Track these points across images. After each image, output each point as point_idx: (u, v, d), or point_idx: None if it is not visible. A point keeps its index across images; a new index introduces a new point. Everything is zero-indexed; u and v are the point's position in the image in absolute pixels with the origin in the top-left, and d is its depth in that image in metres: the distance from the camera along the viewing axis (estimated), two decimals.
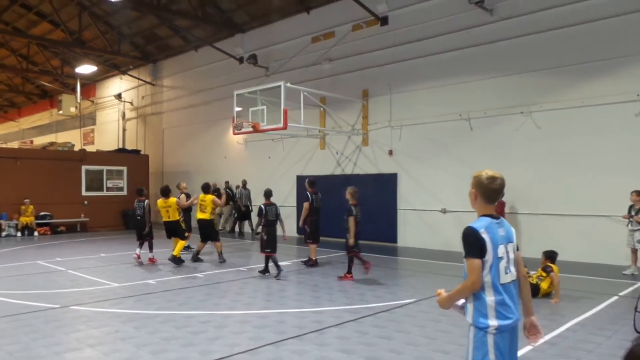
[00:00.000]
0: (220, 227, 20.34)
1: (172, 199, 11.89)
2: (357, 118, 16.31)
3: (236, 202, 19.73)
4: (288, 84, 13.76)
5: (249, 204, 18.49)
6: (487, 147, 13.26)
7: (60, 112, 27.33)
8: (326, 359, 5.18)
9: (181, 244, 11.68)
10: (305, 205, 11.45)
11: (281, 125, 13.59)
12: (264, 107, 14.28)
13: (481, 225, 2.98)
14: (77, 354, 5.44)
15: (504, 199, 12.02)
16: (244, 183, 18.43)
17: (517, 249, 3.17)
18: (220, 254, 11.94)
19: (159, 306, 7.54)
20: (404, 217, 15.21)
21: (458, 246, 9.65)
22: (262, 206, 10.24)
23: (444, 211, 13.92)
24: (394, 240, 15.28)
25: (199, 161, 22.22)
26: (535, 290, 7.90)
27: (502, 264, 2.96)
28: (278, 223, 10.37)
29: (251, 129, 14.33)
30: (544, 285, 7.98)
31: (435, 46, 14.32)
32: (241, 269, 10.74)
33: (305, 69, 17.47)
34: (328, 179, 16.43)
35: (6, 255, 13.58)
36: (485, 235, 2.93)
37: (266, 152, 19.18)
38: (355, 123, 16.30)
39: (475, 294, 2.96)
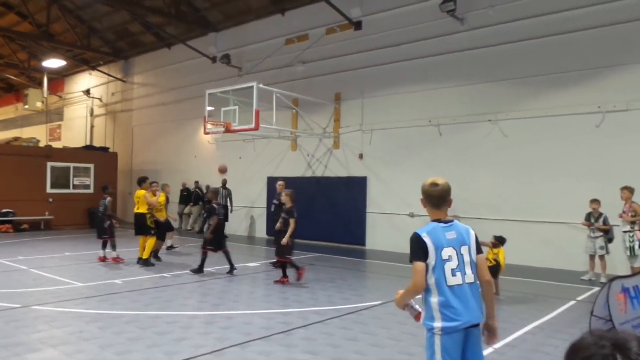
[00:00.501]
0: (189, 227, 20.21)
1: (141, 191, 11.66)
2: (329, 121, 16.41)
3: (205, 203, 19.59)
4: (261, 85, 13.78)
5: (229, 204, 18.24)
6: (455, 153, 13.53)
7: (26, 106, 26.61)
8: None
9: (150, 243, 11.49)
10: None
11: (253, 125, 13.60)
12: (236, 107, 14.26)
13: (424, 229, 3.11)
14: (38, 354, 5.34)
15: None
16: (224, 183, 18.24)
17: (480, 252, 3.23)
18: (155, 252, 11.84)
19: (124, 306, 7.46)
20: (372, 220, 15.37)
21: None
22: (215, 205, 10.47)
23: (411, 215, 14.12)
24: (363, 242, 15.43)
25: (169, 160, 21.98)
26: (497, 269, 8.19)
27: (449, 265, 3.03)
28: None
29: (223, 129, 14.28)
30: (502, 261, 8.43)
31: (407, 52, 14.54)
32: (209, 269, 10.68)
33: (278, 71, 17.49)
34: (299, 180, 16.47)
35: None
36: (427, 239, 3.04)
37: (237, 153, 19.10)
38: (327, 126, 16.41)
39: (424, 296, 3.07)
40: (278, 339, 5.94)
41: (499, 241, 8.64)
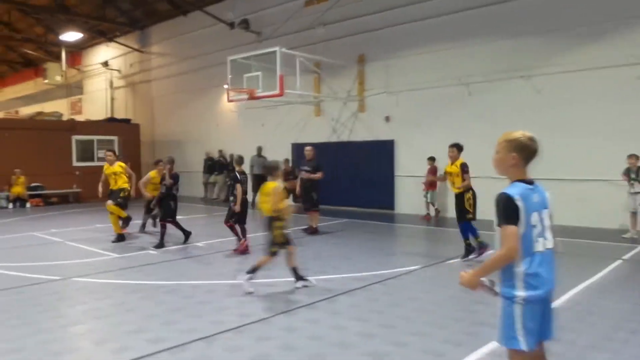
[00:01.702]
0: (214, 196, 20.22)
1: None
2: (352, 84, 16.02)
3: (231, 171, 19.52)
4: (284, 49, 13.44)
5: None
6: (485, 112, 13.10)
7: (46, 81, 26.61)
8: (341, 327, 5.11)
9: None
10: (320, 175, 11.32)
11: (277, 91, 13.33)
12: (259, 73, 13.95)
13: (516, 191, 2.86)
14: (84, 326, 5.33)
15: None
16: (259, 150, 17.85)
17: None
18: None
19: (161, 276, 7.43)
20: (401, 183, 15.14)
21: (454, 212, 9.44)
22: (177, 174, 10.28)
23: (442, 178, 13.80)
24: (392, 206, 15.25)
25: (190, 130, 21.88)
26: None
27: (535, 231, 2.84)
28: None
29: (247, 96, 14.05)
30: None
31: (433, 9, 13.97)
32: (221, 240, 10.59)
33: (298, 34, 17.03)
34: (324, 146, 16.23)
35: (0, 227, 13.37)
36: (520, 203, 2.81)
37: (259, 120, 18.86)
38: (351, 89, 16.03)
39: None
40: (323, 306, 5.83)
41: None
